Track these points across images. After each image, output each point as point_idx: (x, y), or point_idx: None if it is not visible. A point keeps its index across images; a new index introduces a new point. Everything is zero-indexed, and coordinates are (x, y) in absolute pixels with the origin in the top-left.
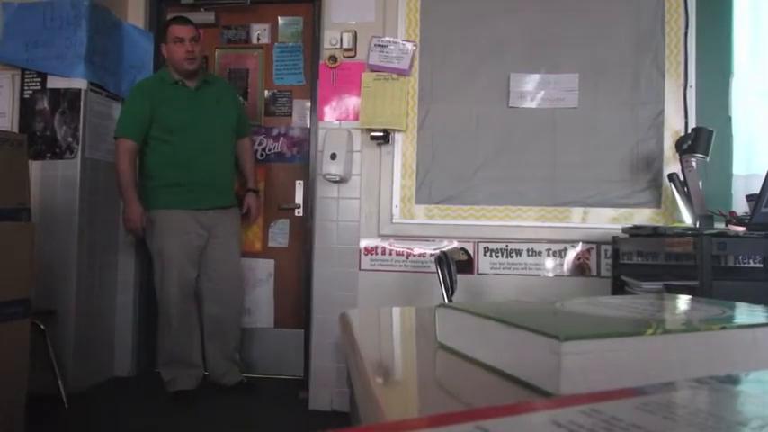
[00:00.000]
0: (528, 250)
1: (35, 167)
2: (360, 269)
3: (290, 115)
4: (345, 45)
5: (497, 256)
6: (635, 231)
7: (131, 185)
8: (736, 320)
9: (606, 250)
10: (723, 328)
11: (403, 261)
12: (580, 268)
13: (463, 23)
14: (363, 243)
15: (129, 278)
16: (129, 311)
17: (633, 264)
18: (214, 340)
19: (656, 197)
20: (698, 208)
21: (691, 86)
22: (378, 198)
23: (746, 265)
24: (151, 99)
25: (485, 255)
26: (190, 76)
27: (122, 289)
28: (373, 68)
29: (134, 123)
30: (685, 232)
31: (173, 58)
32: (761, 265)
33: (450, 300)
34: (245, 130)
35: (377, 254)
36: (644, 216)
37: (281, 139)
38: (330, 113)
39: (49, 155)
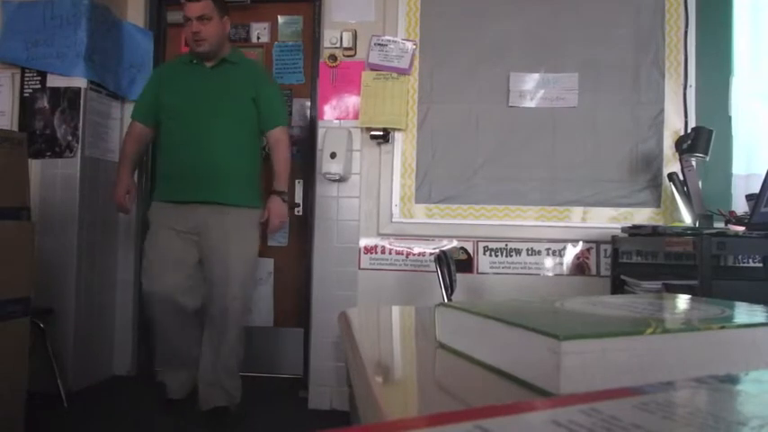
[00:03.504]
0: (528, 249)
1: (35, 166)
2: (359, 268)
3: (290, 114)
4: (345, 44)
5: (497, 256)
6: (635, 231)
7: (125, 161)
8: (735, 320)
9: (606, 250)
10: (722, 327)
11: (403, 260)
12: (580, 267)
13: (463, 23)
14: (363, 242)
15: (129, 277)
16: (129, 310)
17: (633, 263)
18: (212, 355)
19: (656, 197)
20: (697, 207)
21: (691, 86)
22: (377, 197)
23: (746, 265)
24: (161, 80)
25: (484, 254)
26: (208, 58)
27: (122, 288)
28: (373, 67)
29: (141, 105)
30: (685, 232)
31: (186, 39)
32: (760, 265)
33: (449, 299)
34: (272, 121)
35: (376, 253)
36: (644, 215)
37: None
38: (330, 112)
39: (48, 153)
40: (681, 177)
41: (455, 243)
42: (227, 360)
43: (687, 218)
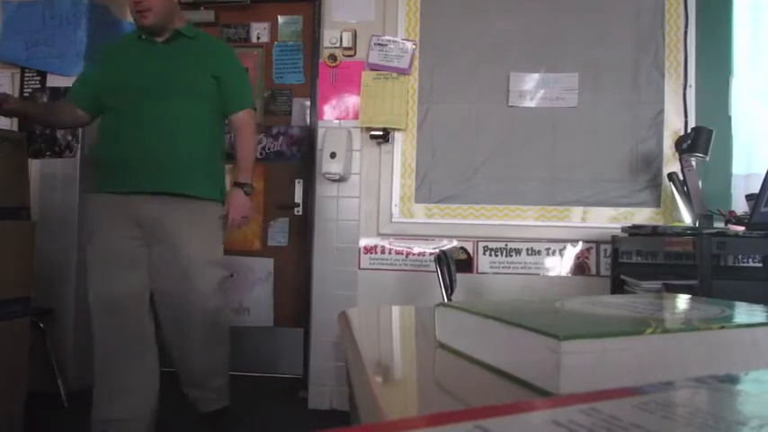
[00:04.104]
0: (527, 249)
1: (34, 166)
2: (359, 268)
3: (290, 114)
4: (345, 44)
5: (497, 256)
6: (634, 231)
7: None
8: (735, 320)
9: (606, 249)
10: (722, 327)
11: (402, 260)
12: (580, 267)
13: (463, 22)
14: (363, 242)
15: None
16: None
17: (633, 263)
18: (178, 367)
19: (656, 196)
20: (697, 207)
21: (690, 86)
22: (377, 197)
23: (746, 265)
24: (105, 59)
25: (484, 254)
26: (156, 32)
27: None
28: (373, 67)
29: (79, 88)
30: (685, 231)
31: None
32: (760, 265)
33: (449, 299)
34: (236, 103)
35: (376, 253)
36: (643, 215)
37: (281, 137)
38: (330, 112)
39: (48, 153)
40: (681, 177)
41: (455, 243)
42: (213, 366)
43: (687, 218)
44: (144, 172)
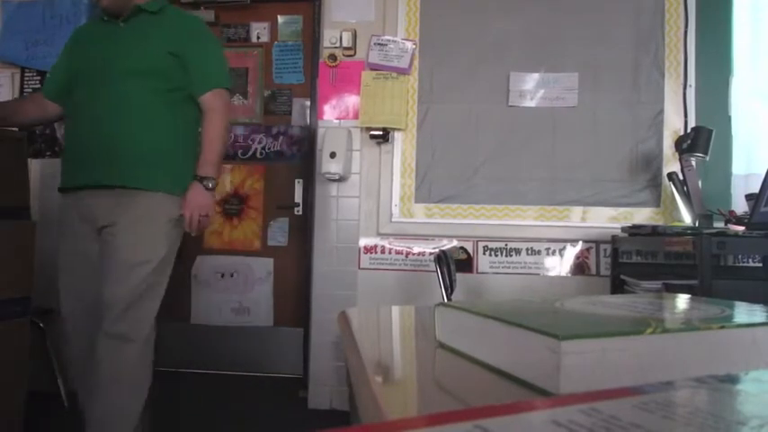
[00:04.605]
0: (527, 249)
1: (34, 166)
2: (359, 268)
3: (290, 114)
4: (345, 44)
5: (497, 255)
6: (634, 230)
7: None
8: (735, 320)
9: (606, 249)
10: (722, 327)
11: (402, 260)
12: (580, 267)
13: (463, 22)
14: (363, 242)
15: None
16: None
17: (633, 263)
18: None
19: (656, 196)
20: (697, 207)
21: (690, 86)
22: (377, 197)
23: (746, 265)
24: (73, 45)
25: (484, 254)
26: (117, 12)
27: None
28: (373, 67)
29: (52, 79)
30: (685, 231)
31: None
32: (760, 265)
33: (449, 299)
34: (203, 83)
35: (376, 253)
36: (643, 215)
37: (281, 137)
38: (330, 112)
39: (48, 153)
40: (681, 177)
41: (455, 243)
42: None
43: (687, 218)
44: (96, 165)
